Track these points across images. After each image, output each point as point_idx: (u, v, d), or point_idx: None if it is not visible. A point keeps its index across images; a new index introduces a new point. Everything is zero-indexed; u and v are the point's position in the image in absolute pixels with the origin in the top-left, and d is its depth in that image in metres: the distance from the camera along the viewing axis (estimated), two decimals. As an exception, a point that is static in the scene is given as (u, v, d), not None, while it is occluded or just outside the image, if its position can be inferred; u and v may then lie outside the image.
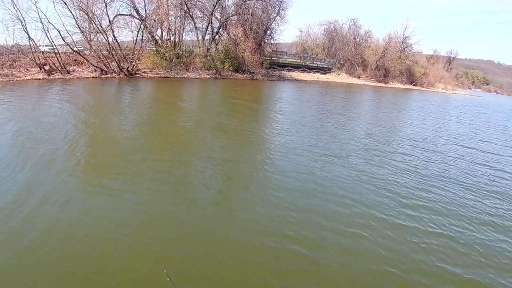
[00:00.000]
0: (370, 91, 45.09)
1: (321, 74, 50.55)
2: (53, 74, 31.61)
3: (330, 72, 52.77)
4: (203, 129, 14.94)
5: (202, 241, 6.53)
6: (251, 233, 6.95)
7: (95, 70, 32.12)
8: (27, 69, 32.43)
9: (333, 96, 33.33)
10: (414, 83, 64.18)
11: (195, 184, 9.06)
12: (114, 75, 31.86)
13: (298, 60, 51.52)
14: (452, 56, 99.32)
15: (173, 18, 35.79)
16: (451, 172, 11.99)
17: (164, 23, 34.92)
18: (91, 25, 32.06)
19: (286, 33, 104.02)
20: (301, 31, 63.49)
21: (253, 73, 37.57)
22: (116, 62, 31.81)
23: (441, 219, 8.25)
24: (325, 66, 52.70)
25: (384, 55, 59.72)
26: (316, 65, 51.68)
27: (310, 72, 49.36)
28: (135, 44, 33.18)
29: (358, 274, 5.97)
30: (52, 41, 31.97)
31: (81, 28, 32.16)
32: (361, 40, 61.78)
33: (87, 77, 31.41)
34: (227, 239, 6.69)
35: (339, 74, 54.09)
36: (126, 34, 40.50)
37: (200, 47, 36.39)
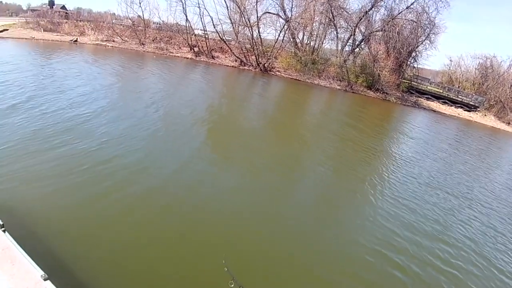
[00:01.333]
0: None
1: (464, 110, 44.55)
2: (200, 56, 34.63)
3: (476, 111, 46.17)
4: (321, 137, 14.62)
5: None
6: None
7: (236, 60, 34.11)
8: (180, 47, 36.20)
9: (468, 137, 28.78)
10: None
11: (303, 183, 9.45)
12: (251, 68, 33.37)
13: (441, 91, 46.30)
14: None
15: (317, 24, 35.76)
16: None
17: (307, 27, 35.11)
18: (241, 18, 34.07)
19: (433, 59, 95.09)
20: (450, 60, 57.02)
21: (387, 93, 35.05)
22: (255, 56, 33.18)
23: None
24: (470, 102, 46.24)
25: (550, 105, 49.84)
26: (460, 99, 45.74)
27: (452, 106, 43.94)
28: (275, 42, 34.17)
29: None
30: (205, 26, 35.03)
31: (231, 19, 34.39)
32: (521, 82, 52.67)
33: (227, 65, 33.56)
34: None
35: (485, 115, 46.91)
36: (269, 32, 42.15)
37: (337, 57, 35.52)
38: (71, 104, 11.62)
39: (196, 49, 34.88)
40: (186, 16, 34.34)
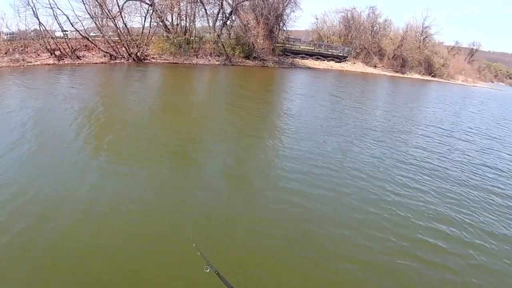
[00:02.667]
0: (386, 81, 43.61)
1: (335, 62, 49.17)
2: (63, 59, 31.60)
3: (345, 61, 51.29)
4: (210, 121, 14.49)
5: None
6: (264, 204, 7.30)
7: (104, 56, 31.97)
8: (38, 54, 32.50)
9: (346, 85, 32.21)
10: (433, 74, 61.94)
11: (205, 165, 9.29)
12: (123, 60, 31.65)
13: (312, 48, 50.12)
14: (475, 48, 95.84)
15: (184, 3, 35.23)
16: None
17: (174, 8, 34.39)
18: (102, 10, 31.83)
19: (302, 20, 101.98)
20: (316, 18, 61.81)
21: (264, 60, 36.69)
22: (125, 48, 31.54)
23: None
24: (340, 54, 51.20)
25: (402, 44, 57.74)
26: (331, 53, 50.23)
27: (324, 60, 48.06)
28: (143, 29, 32.88)
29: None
30: (62, 27, 31.94)
31: (90, 14, 31.95)
32: (378, 29, 59.83)
33: (96, 63, 31.29)
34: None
35: (354, 63, 52.55)
36: (137, 21, 40.05)
37: (210, 33, 35.72)
38: None
39: (57, 52, 31.67)
40: (39, 20, 30.78)
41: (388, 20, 61.94)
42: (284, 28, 43.15)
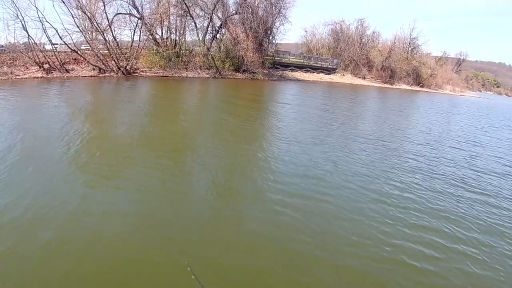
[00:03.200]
0: (375, 92, 44.22)
1: (325, 74, 49.81)
2: (52, 72, 31.50)
3: (335, 73, 52.01)
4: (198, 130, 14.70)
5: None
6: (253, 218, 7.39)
7: (94, 69, 31.94)
8: (27, 68, 32.38)
9: (332, 96, 32.60)
10: (421, 84, 63.04)
11: (194, 180, 9.23)
12: (112, 73, 31.64)
13: (302, 60, 50.76)
14: (462, 57, 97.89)
15: (174, 16, 35.52)
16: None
17: (164, 22, 34.62)
18: (92, 24, 31.91)
19: (291, 34, 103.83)
20: (306, 31, 62.86)
21: (254, 72, 37.03)
22: (115, 61, 31.58)
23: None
24: (329, 66, 51.94)
25: (389, 56, 58.75)
26: (320, 65, 50.94)
27: (314, 72, 48.65)
28: (132, 42, 32.97)
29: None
30: (50, 40, 31.91)
31: (80, 27, 31.98)
32: (367, 41, 60.89)
33: (85, 76, 31.25)
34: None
35: (343, 74, 53.30)
36: (126, 34, 40.22)
37: (200, 46, 35.98)
38: None
39: (46, 66, 31.57)
40: (28, 33, 30.73)
41: (377, 32, 63.26)
42: (274, 41, 43.72)
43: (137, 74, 32.25)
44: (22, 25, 30.41)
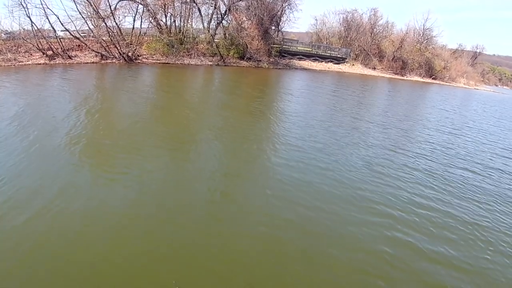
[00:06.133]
0: (385, 83, 42.97)
1: (334, 64, 48.58)
2: (55, 59, 31.41)
3: (344, 62, 50.71)
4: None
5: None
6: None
7: (96, 56, 31.74)
8: (30, 54, 32.36)
9: (344, 87, 31.65)
10: (434, 76, 61.16)
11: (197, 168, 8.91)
12: (114, 60, 31.39)
13: (310, 49, 49.51)
14: (478, 51, 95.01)
15: (178, 3, 34.93)
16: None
17: (168, 9, 34.10)
18: (95, 10, 31.63)
19: (302, 22, 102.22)
20: (316, 20, 61.37)
21: (259, 61, 36.27)
22: (117, 48, 31.28)
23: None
24: (338, 55, 50.61)
25: (401, 46, 57.07)
26: (329, 54, 49.65)
27: (322, 61, 47.45)
28: (133, 29, 32.67)
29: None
30: (53, 27, 31.76)
31: (82, 14, 31.76)
32: (378, 30, 59.25)
33: (88, 62, 31.07)
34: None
35: (353, 64, 51.96)
36: (128, 21, 39.93)
37: (204, 33, 35.38)
38: None
39: (49, 52, 31.47)
40: (31, 20, 30.65)
41: (390, 22, 61.47)
42: (281, 29, 42.70)
43: (139, 61, 31.91)
44: (25, 11, 30.31)
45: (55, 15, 30.52)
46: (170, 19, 34.72)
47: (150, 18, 33.59)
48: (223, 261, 5.38)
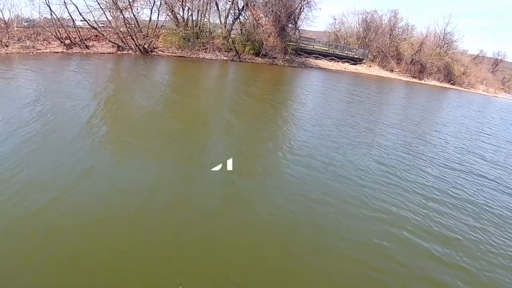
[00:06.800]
0: (402, 86, 42.15)
1: (350, 64, 47.92)
2: (72, 48, 31.73)
3: (361, 63, 49.96)
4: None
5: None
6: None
7: (113, 46, 31.94)
8: (49, 42, 32.75)
9: (359, 88, 31.14)
10: (452, 82, 59.79)
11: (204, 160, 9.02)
12: (130, 51, 31.55)
13: (327, 48, 48.89)
14: (499, 58, 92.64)
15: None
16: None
17: (186, 2, 34.08)
18: (113, 1, 31.83)
19: (320, 21, 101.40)
20: (334, 19, 60.60)
21: (274, 58, 36.00)
22: (134, 39, 31.43)
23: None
24: (355, 56, 49.89)
25: (420, 49, 55.92)
26: (346, 54, 48.97)
27: (338, 61, 46.82)
28: (150, 21, 32.80)
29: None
30: (72, 16, 32.08)
31: (100, 4, 31.98)
32: (398, 32, 58.15)
33: (104, 53, 31.28)
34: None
35: (370, 66, 51.15)
36: (145, 13, 40.16)
37: (221, 28, 35.28)
38: None
39: (67, 41, 31.81)
40: (50, 8, 31.04)
41: (411, 25, 60.28)
42: (298, 27, 42.22)
43: (155, 53, 32.02)
44: (45, 0, 30.65)
45: (74, 4, 30.84)
46: (187, 13, 34.73)
47: (168, 11, 33.66)
48: (237, 254, 5.56)
